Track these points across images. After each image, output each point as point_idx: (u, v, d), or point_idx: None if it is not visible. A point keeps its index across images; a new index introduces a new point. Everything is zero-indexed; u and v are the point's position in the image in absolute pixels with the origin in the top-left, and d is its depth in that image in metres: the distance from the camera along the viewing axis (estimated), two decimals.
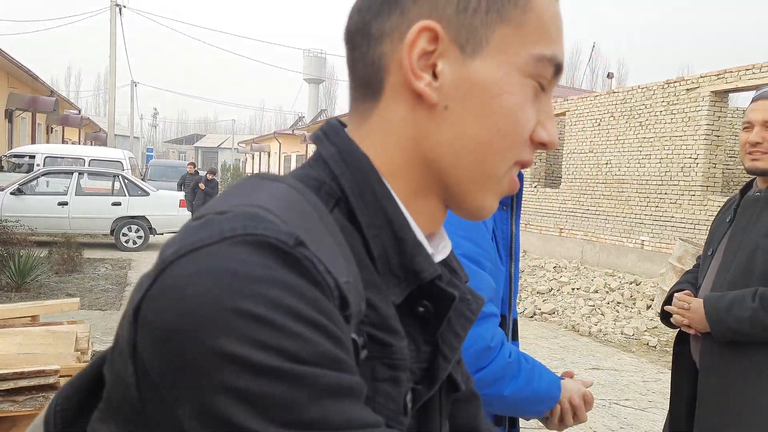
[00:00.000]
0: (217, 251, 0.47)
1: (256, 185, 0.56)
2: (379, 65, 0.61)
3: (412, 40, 0.59)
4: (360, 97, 0.64)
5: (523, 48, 0.61)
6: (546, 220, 14.44)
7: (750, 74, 9.62)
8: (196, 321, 0.45)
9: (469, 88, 0.60)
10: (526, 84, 0.61)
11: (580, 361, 6.29)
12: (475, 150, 0.61)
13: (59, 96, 28.50)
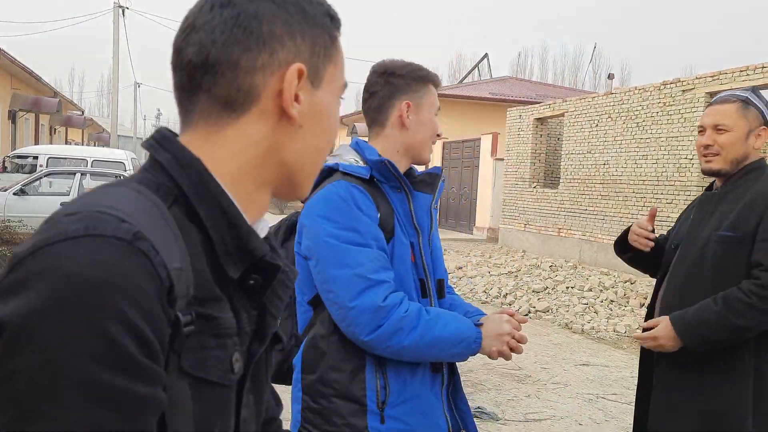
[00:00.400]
0: (60, 250, 0.57)
1: (103, 191, 0.68)
2: (249, 91, 0.75)
3: (291, 78, 0.76)
4: (214, 113, 0.76)
5: (339, 79, 0.84)
6: (545, 220, 14.55)
7: (744, 75, 9.72)
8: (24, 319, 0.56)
9: (316, 111, 0.80)
10: (338, 104, 0.86)
11: (570, 357, 6.40)
12: (315, 155, 0.83)
13: (62, 97, 28.67)
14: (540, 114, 15.21)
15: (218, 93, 0.75)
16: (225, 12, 0.75)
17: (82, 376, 0.55)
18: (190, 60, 0.75)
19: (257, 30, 0.75)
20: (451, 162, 20.79)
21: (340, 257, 1.61)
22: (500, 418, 4.67)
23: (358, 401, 1.65)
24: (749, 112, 2.15)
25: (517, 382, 5.51)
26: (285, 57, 0.76)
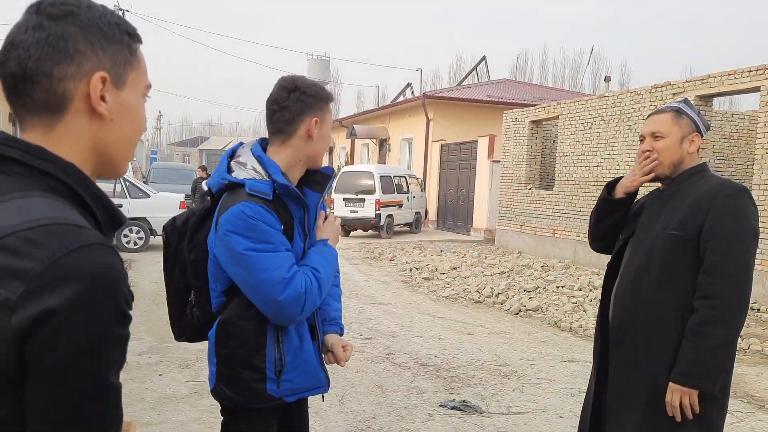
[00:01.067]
0: (76, 257, 0.88)
1: (35, 203, 0.92)
2: (64, 95, 0.97)
3: (96, 83, 0.98)
4: (42, 114, 0.98)
5: (142, 82, 1.07)
6: (540, 222, 14.70)
7: (732, 79, 9.87)
8: None
9: (123, 108, 1.03)
10: (143, 101, 1.08)
11: (557, 354, 6.55)
12: (126, 142, 1.06)
13: None
14: (535, 116, 15.36)
15: (39, 98, 0.96)
16: (37, 33, 0.95)
17: (113, 333, 0.89)
18: (12, 71, 0.96)
19: (64, 47, 0.96)
20: (449, 163, 20.95)
21: (262, 264, 1.97)
22: (484, 411, 4.82)
23: (260, 371, 2.07)
24: (682, 120, 2.36)
25: (502, 378, 5.66)
26: (89, 68, 0.98)
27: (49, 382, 0.84)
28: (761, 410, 5.15)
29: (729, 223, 2.18)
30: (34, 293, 0.83)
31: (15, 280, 0.83)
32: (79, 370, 0.86)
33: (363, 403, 4.91)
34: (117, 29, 1.02)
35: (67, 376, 0.85)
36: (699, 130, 2.38)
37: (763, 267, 9.12)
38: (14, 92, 0.98)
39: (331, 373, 5.88)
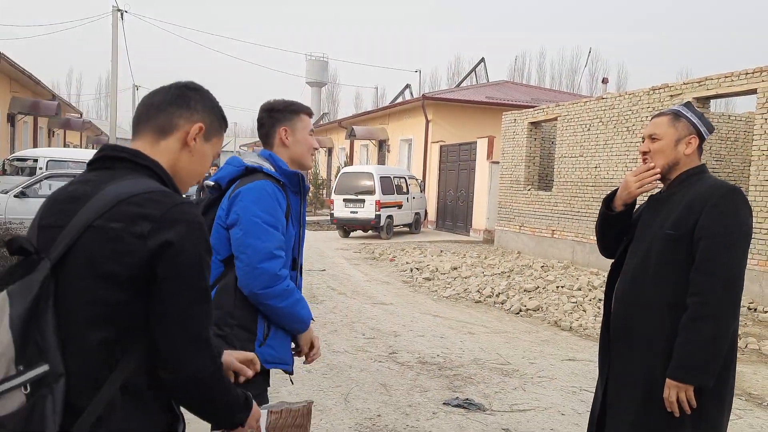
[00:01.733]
0: (185, 208, 1.41)
1: (145, 181, 1.43)
2: (175, 125, 1.54)
3: (197, 127, 1.56)
4: (156, 132, 1.54)
5: (217, 146, 1.65)
6: (539, 222, 14.79)
7: (729, 81, 9.98)
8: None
9: (201, 151, 1.59)
10: (211, 156, 1.63)
11: (557, 353, 6.64)
12: (192, 173, 1.59)
13: (61, 100, 28.85)
14: (534, 118, 15.46)
15: (159, 122, 1.54)
16: (176, 91, 1.58)
17: (206, 256, 1.40)
18: (152, 102, 1.56)
19: (188, 101, 1.57)
20: (448, 165, 21.05)
21: (259, 232, 2.33)
22: (487, 408, 4.90)
23: (251, 332, 2.40)
24: (679, 123, 2.45)
25: (504, 376, 5.75)
26: (197, 118, 1.57)
27: (172, 287, 1.33)
28: (759, 407, 5.24)
29: (719, 222, 2.25)
30: (158, 229, 1.32)
31: (145, 221, 1.32)
32: (190, 279, 1.35)
33: (368, 401, 4.99)
34: (220, 112, 1.64)
35: (183, 283, 1.34)
36: (699, 133, 2.45)
37: (760, 267, 9.22)
38: (145, 115, 1.54)
39: (335, 372, 5.97)
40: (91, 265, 1.29)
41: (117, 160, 1.45)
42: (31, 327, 1.20)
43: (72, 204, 1.37)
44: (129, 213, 1.31)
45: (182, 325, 1.34)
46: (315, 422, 4.55)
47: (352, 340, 6.86)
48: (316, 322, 7.64)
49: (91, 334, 1.28)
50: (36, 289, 1.23)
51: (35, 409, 1.17)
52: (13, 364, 1.18)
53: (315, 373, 5.64)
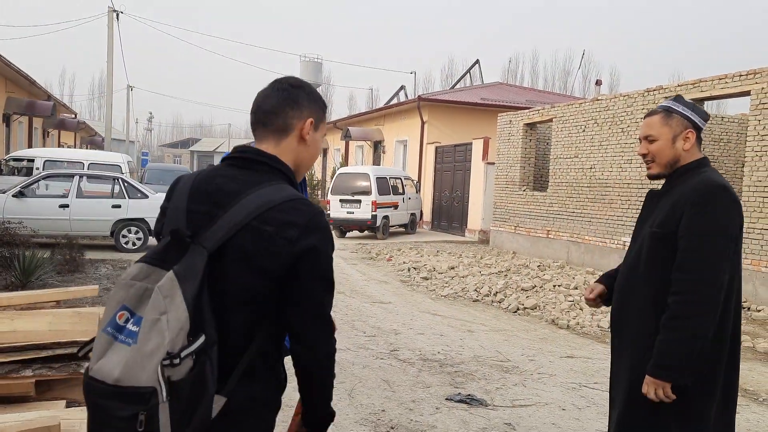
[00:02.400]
0: (322, 217, 1.68)
1: (283, 188, 1.67)
2: (291, 125, 1.75)
3: (309, 123, 1.77)
4: (276, 134, 1.74)
5: (324, 130, 1.85)
6: (534, 223, 14.91)
7: (723, 83, 10.12)
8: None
9: (314, 140, 1.81)
10: (322, 139, 1.86)
11: (556, 350, 6.73)
12: (310, 160, 1.84)
13: (56, 100, 28.78)
14: (529, 119, 15.58)
15: (276, 124, 1.75)
16: (283, 93, 1.77)
17: (334, 257, 1.70)
18: (266, 109, 1.76)
19: (296, 100, 1.76)
20: (444, 166, 21.15)
21: None
22: (489, 404, 4.99)
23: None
24: (672, 120, 2.43)
25: (505, 373, 5.84)
26: (306, 114, 1.77)
27: (311, 281, 1.61)
28: (755, 402, 5.36)
29: (698, 221, 2.25)
30: (304, 235, 1.58)
31: (293, 228, 1.58)
32: (325, 274, 1.64)
33: (372, 397, 5.07)
34: (322, 102, 1.83)
35: (320, 278, 1.63)
36: (694, 124, 2.43)
37: (753, 266, 9.35)
38: (264, 120, 1.75)
39: (339, 369, 6.05)
40: (246, 257, 1.56)
41: (257, 163, 1.69)
42: (198, 306, 1.46)
43: (224, 197, 1.61)
44: (279, 219, 1.57)
45: (318, 312, 1.65)
46: None
47: (353, 338, 6.93)
48: None
49: (239, 312, 1.58)
50: (201, 274, 1.48)
51: (199, 372, 1.43)
52: (187, 337, 1.42)
53: None
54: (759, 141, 9.43)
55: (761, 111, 9.42)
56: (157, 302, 1.43)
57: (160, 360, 1.38)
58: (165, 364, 1.38)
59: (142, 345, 1.40)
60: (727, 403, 2.38)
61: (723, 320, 2.28)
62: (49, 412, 2.76)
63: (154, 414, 1.39)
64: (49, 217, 12.19)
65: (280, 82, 1.77)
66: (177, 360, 1.39)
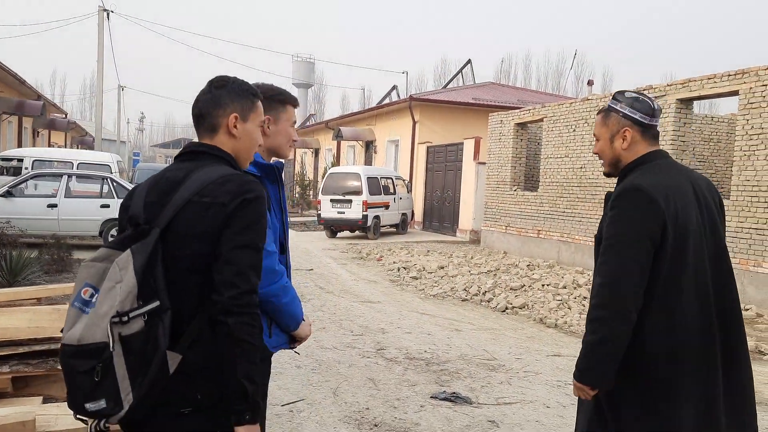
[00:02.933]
0: (255, 185, 1.88)
1: (219, 166, 1.87)
2: (218, 123, 1.95)
3: (233, 118, 1.95)
4: (209, 132, 1.96)
5: (257, 119, 2.03)
6: (525, 223, 14.92)
7: (712, 83, 10.15)
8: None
9: (245, 132, 1.98)
10: (258, 129, 2.03)
11: (543, 349, 6.74)
12: (248, 151, 2.01)
13: (46, 100, 28.65)
14: (520, 119, 15.60)
15: (206, 124, 1.95)
16: (208, 95, 1.96)
17: (265, 215, 1.88)
18: (196, 113, 1.96)
19: (219, 101, 1.95)
20: (435, 165, 21.16)
21: None
22: (474, 401, 4.98)
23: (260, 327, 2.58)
24: (609, 119, 2.39)
25: (491, 371, 5.84)
26: (230, 111, 1.95)
27: (232, 232, 1.74)
28: None
29: (610, 224, 2.22)
30: (235, 197, 1.76)
31: (226, 195, 1.76)
32: (247, 231, 1.76)
33: (357, 395, 5.05)
34: (247, 93, 1.99)
35: (241, 231, 1.75)
36: (635, 121, 2.35)
37: (741, 266, 9.39)
38: (197, 123, 1.97)
39: (324, 368, 6.05)
40: (190, 227, 1.76)
41: (199, 153, 1.92)
42: (147, 274, 1.68)
43: (172, 186, 1.84)
44: (214, 191, 1.77)
45: (232, 262, 1.73)
46: (304, 415, 4.62)
47: (340, 337, 6.92)
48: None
49: (190, 279, 1.76)
50: (150, 248, 1.71)
51: (151, 331, 1.65)
52: (136, 300, 1.65)
53: (304, 369, 5.70)
54: (747, 141, 9.47)
55: (749, 110, 9.46)
56: (114, 274, 1.68)
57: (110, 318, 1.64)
58: (114, 322, 1.62)
59: (98, 308, 1.65)
60: (710, 406, 2.21)
61: (672, 319, 2.18)
62: (24, 408, 2.74)
63: (108, 366, 1.62)
64: (37, 216, 12.13)
65: (208, 86, 1.99)
66: (125, 318, 1.63)
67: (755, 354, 6.99)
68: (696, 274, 2.20)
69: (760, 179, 9.22)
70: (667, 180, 2.26)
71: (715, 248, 2.28)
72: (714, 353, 2.21)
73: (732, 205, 9.62)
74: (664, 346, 2.18)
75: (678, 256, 2.19)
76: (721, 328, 2.24)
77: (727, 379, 2.24)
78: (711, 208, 2.32)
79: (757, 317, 8.71)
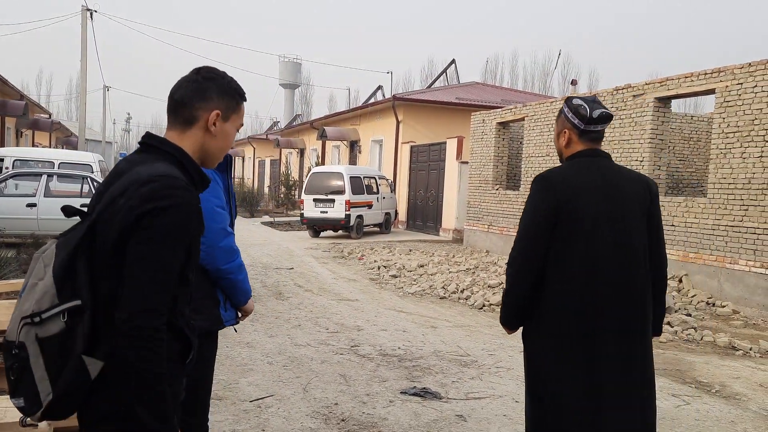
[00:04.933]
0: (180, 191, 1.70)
1: (158, 164, 1.71)
2: (197, 116, 1.82)
3: (215, 114, 1.84)
4: (181, 124, 1.82)
5: (237, 121, 1.92)
6: (507, 221, 14.96)
7: (689, 81, 10.22)
8: None
9: (223, 132, 1.87)
10: (235, 132, 1.93)
11: (517, 345, 6.73)
12: (219, 150, 1.89)
13: (29, 100, 28.41)
14: (502, 118, 15.64)
15: (182, 116, 1.82)
16: (194, 84, 1.84)
17: (179, 240, 1.64)
18: (176, 99, 1.83)
19: (204, 93, 1.82)
20: (419, 165, 21.18)
21: (213, 215, 2.63)
22: (443, 396, 4.99)
23: (216, 299, 2.77)
24: (558, 120, 2.78)
25: (463, 367, 5.84)
26: (213, 106, 1.83)
27: (135, 250, 1.56)
28: (707, 394, 5.40)
29: (526, 203, 2.64)
30: (144, 203, 1.57)
31: (138, 198, 1.59)
32: (165, 237, 1.58)
33: (326, 391, 5.04)
34: (235, 92, 1.89)
35: (145, 251, 1.56)
36: (573, 125, 2.67)
37: (718, 263, 9.46)
38: (173, 109, 1.83)
39: (296, 364, 6.01)
40: (109, 228, 1.61)
41: (149, 146, 1.78)
42: (69, 272, 1.58)
43: (114, 177, 1.73)
44: (132, 192, 1.60)
45: (131, 277, 1.57)
46: (272, 411, 4.61)
47: (315, 335, 6.91)
48: (281, 318, 7.68)
49: (108, 282, 1.59)
50: (74, 242, 1.61)
51: (69, 333, 1.54)
52: (56, 299, 1.55)
53: (276, 365, 5.69)
54: (723, 139, 9.54)
55: (725, 109, 9.53)
56: (38, 270, 1.62)
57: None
58: (27, 322, 1.56)
59: (21, 305, 1.60)
60: (595, 370, 2.46)
61: (561, 284, 2.50)
62: None
63: (25, 366, 1.56)
64: (16, 216, 12.03)
65: (195, 73, 1.87)
66: (37, 318, 1.55)
67: (728, 349, 7.05)
68: (587, 250, 2.50)
69: (736, 177, 9.29)
70: (578, 173, 2.59)
71: (621, 233, 2.54)
72: (601, 323, 2.47)
73: (708, 203, 9.69)
74: (554, 307, 2.51)
75: (570, 233, 2.52)
76: (615, 302, 2.49)
77: (618, 348, 2.48)
78: (626, 201, 2.58)
79: (733, 314, 8.78)
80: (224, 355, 5.93)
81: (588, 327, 2.46)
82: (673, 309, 8.69)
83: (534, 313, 2.55)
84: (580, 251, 2.49)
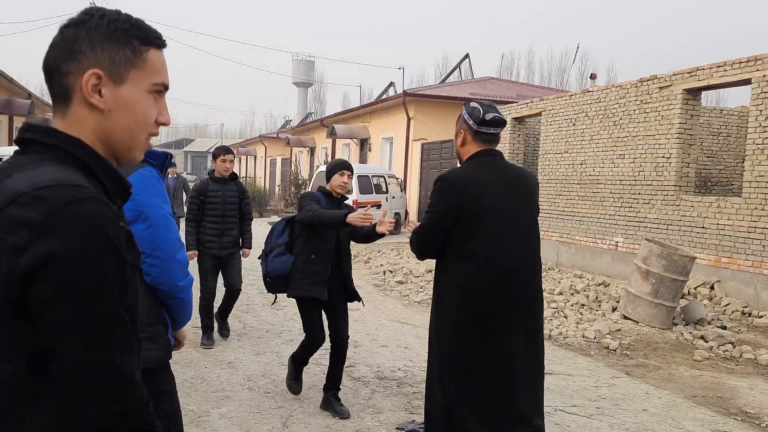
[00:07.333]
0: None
1: (36, 171, 1.06)
2: (67, 87, 1.15)
3: (86, 78, 1.13)
4: (60, 101, 1.17)
5: (145, 80, 1.19)
6: None
7: (722, 71, 9.35)
8: None
9: (121, 101, 1.17)
10: (149, 96, 1.20)
11: None
12: (126, 132, 1.19)
13: (37, 99, 28.07)
14: (518, 113, 14.82)
15: (55, 90, 1.17)
16: (58, 37, 1.16)
17: (108, 271, 1.06)
18: (44, 69, 1.18)
19: (70, 48, 1.14)
20: (430, 163, 20.40)
21: (167, 224, 2.32)
22: None
23: (166, 324, 2.42)
24: (458, 121, 3.09)
25: None
26: (86, 65, 1.14)
27: (58, 316, 1.00)
28: (757, 428, 4.59)
29: (430, 199, 3.09)
30: (37, 238, 0.98)
31: (23, 228, 0.99)
32: (83, 304, 1.00)
33: (309, 426, 4.31)
34: (123, 34, 1.17)
35: (73, 310, 1.00)
36: (468, 126, 3.01)
37: (754, 268, 8.61)
38: (48, 83, 1.19)
39: (280, 390, 5.25)
40: None
41: (28, 142, 1.15)
42: None
43: None
44: (11, 218, 1.00)
45: (77, 361, 1.03)
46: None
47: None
48: (272, 331, 6.96)
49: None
50: None
51: None
52: None
53: (257, 392, 4.96)
54: (761, 133, 8.67)
55: (763, 100, 8.66)
56: None
57: None
58: None
59: None
60: (502, 345, 2.98)
61: (464, 271, 2.92)
62: None
63: None
64: None
65: (61, 26, 1.19)
66: None
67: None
68: (489, 241, 2.85)
69: None
70: (476, 173, 2.93)
71: (521, 226, 2.95)
72: (502, 304, 2.88)
73: (744, 203, 8.83)
74: (459, 290, 2.91)
75: (473, 226, 2.86)
76: (514, 286, 2.90)
77: (523, 325, 2.92)
78: (523, 195, 2.98)
79: None
80: (200, 379, 5.22)
81: (492, 307, 2.87)
82: (706, 320, 7.86)
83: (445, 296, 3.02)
84: (487, 244, 2.82)
